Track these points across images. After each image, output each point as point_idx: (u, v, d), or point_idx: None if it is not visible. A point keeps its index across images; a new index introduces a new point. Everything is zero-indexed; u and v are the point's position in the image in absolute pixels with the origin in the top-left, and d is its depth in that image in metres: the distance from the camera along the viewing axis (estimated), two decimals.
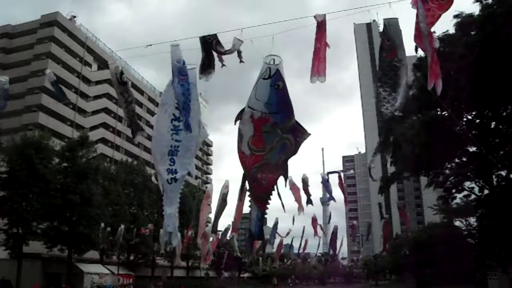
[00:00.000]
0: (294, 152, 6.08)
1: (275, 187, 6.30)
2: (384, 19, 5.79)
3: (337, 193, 20.15)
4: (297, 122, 5.98)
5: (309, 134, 6.05)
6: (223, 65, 6.61)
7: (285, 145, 6.03)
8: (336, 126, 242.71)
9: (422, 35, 5.47)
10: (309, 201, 14.29)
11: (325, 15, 6.14)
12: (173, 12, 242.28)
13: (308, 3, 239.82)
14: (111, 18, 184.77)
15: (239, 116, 6.11)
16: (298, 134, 6.00)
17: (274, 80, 5.97)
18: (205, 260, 27.45)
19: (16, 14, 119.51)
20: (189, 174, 7.18)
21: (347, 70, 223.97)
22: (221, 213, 15.34)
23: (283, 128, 6.03)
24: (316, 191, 33.79)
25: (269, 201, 6.41)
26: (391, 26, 5.75)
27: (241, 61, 6.65)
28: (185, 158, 6.84)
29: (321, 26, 6.15)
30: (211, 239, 26.41)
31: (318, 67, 6.16)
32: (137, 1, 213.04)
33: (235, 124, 6.14)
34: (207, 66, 6.56)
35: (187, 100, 6.24)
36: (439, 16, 5.53)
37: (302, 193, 16.06)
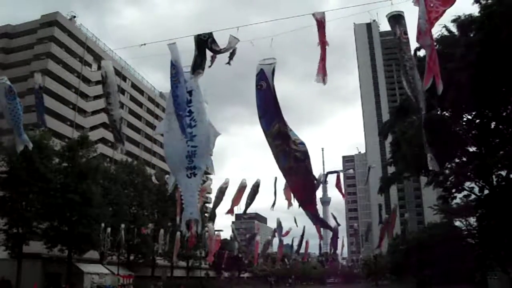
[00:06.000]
0: (303, 160, 5.91)
1: (312, 188, 6.24)
2: (391, 13, 5.71)
3: (337, 193, 20.16)
4: (281, 131, 5.76)
5: (301, 142, 5.83)
6: (210, 65, 6.45)
7: (285, 153, 5.89)
8: (338, 128, 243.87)
9: (421, 32, 5.46)
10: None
11: (324, 13, 6.10)
12: (184, 15, 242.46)
13: (319, 7, 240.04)
14: (122, 21, 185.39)
15: None
16: (290, 142, 5.79)
17: (257, 80, 5.79)
18: (209, 257, 27.54)
19: (20, 15, 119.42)
20: (207, 172, 7.20)
21: (352, 74, 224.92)
22: (218, 204, 15.75)
23: (270, 134, 5.86)
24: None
25: (311, 200, 6.31)
26: (403, 18, 5.69)
27: (228, 63, 6.55)
28: (203, 157, 6.80)
29: (321, 24, 6.11)
30: (213, 238, 26.50)
31: (322, 67, 6.12)
32: (147, 5, 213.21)
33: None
34: (198, 66, 6.45)
35: (183, 102, 6.17)
36: (443, 12, 5.49)
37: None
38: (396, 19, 5.66)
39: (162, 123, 7.18)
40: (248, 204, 16.73)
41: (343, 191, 19.92)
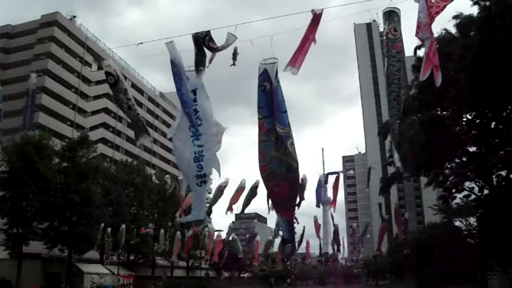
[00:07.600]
0: (293, 163, 5.94)
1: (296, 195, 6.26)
2: (387, 8, 5.74)
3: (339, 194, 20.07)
4: (280, 134, 5.78)
5: (288, 133, 5.89)
6: (208, 65, 6.50)
7: (285, 156, 5.91)
8: (338, 128, 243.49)
9: (420, 26, 5.51)
10: (298, 204, 14.08)
11: (322, 9, 6.11)
12: (187, 15, 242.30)
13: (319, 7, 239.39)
14: (124, 22, 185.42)
15: None
16: (288, 145, 5.84)
17: (260, 80, 5.82)
18: (211, 256, 27.50)
19: (20, 15, 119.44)
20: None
21: (352, 74, 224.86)
22: (216, 201, 15.73)
23: (274, 135, 5.88)
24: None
25: (292, 206, 6.33)
26: (397, 14, 5.73)
27: (233, 64, 6.57)
28: (210, 160, 6.83)
29: (316, 18, 6.09)
30: (214, 237, 26.49)
31: (296, 58, 6.09)
32: (149, 5, 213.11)
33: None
34: (199, 64, 6.48)
35: (189, 99, 6.18)
36: (444, 6, 5.54)
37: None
38: (390, 15, 5.72)
39: (172, 128, 7.22)
40: (245, 205, 16.68)
41: (339, 194, 19.79)
